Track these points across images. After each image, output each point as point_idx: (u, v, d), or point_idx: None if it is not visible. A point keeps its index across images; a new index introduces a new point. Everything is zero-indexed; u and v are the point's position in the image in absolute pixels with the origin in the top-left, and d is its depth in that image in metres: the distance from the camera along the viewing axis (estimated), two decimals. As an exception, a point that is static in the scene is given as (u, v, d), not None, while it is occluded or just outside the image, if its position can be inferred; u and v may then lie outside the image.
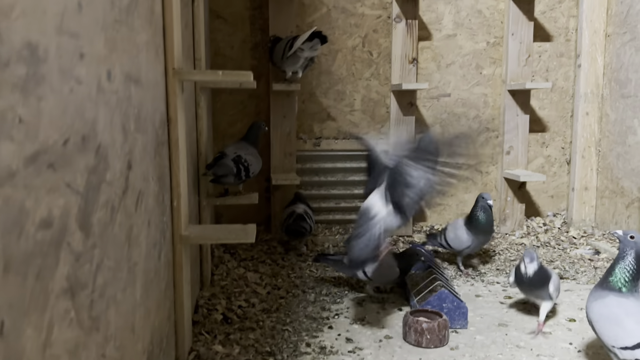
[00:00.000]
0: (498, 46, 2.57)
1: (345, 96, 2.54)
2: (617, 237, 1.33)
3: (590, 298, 1.33)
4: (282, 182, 2.26)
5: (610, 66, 2.40)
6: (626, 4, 2.28)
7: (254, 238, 1.27)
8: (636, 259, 1.28)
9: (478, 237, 1.98)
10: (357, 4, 2.48)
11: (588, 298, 1.34)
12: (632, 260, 1.28)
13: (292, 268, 2.06)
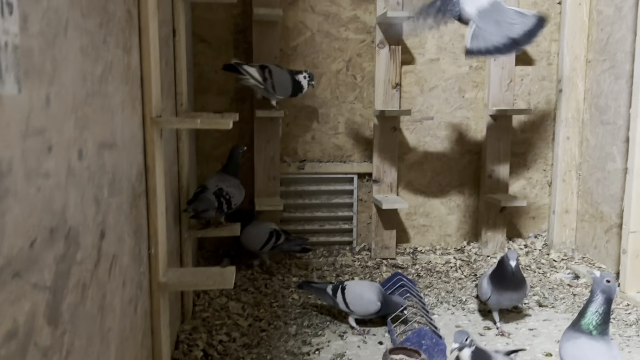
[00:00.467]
0: (480, 70, 2.59)
1: (330, 119, 2.55)
2: (594, 279, 1.36)
3: (563, 338, 1.37)
4: (266, 208, 2.27)
5: (591, 91, 2.44)
6: (606, 32, 2.32)
7: (232, 283, 1.28)
8: (606, 302, 1.32)
9: (501, 292, 1.76)
10: (341, 29, 2.49)
11: (561, 338, 1.38)
12: (602, 304, 1.31)
13: (275, 296, 2.06)
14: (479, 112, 2.62)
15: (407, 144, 2.60)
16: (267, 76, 2.13)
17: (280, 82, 2.17)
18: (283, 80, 2.18)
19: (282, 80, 2.17)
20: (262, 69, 2.15)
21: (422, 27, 1.82)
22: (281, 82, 2.17)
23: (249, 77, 2.13)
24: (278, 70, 2.19)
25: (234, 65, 2.14)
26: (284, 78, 2.19)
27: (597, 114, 2.39)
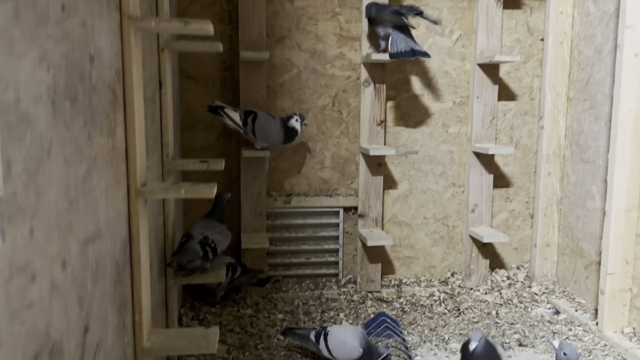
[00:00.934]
0: (464, 105, 2.64)
1: (316, 153, 2.58)
2: (554, 348, 1.41)
3: None
4: (252, 246, 2.29)
5: (572, 129, 2.49)
6: (587, 72, 2.37)
7: (215, 348, 1.30)
8: None
9: None
10: (327, 66, 2.52)
11: None
12: None
13: (260, 336, 2.09)
14: (463, 146, 2.66)
15: (392, 178, 2.64)
16: (249, 122, 2.16)
17: (263, 129, 2.20)
18: (268, 128, 2.21)
19: (266, 128, 2.20)
20: (247, 114, 2.17)
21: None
22: (265, 130, 2.20)
23: (230, 120, 2.17)
24: (265, 118, 2.22)
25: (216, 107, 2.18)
26: (270, 126, 2.22)
27: (577, 152, 2.44)
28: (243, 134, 2.24)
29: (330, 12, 2.49)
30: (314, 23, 2.48)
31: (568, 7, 2.45)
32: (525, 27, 2.61)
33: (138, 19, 1.14)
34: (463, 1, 2.56)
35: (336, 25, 2.50)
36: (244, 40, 2.33)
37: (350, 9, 2.50)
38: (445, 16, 2.56)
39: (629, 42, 1.94)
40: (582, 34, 2.40)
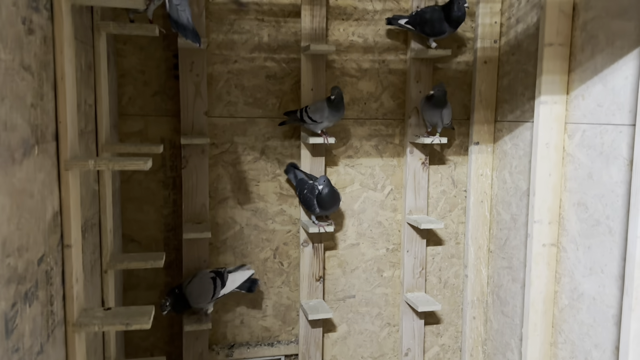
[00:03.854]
0: (397, 251, 2.82)
1: (258, 303, 2.68)
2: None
3: None
4: (195, 414, 2.35)
5: (493, 279, 2.72)
6: (504, 233, 2.61)
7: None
8: None
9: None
10: (268, 221, 2.64)
11: None
12: None
13: None
14: (396, 289, 2.84)
15: (332, 322, 2.77)
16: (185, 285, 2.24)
17: (197, 292, 2.27)
18: (201, 291, 2.29)
19: (199, 291, 2.28)
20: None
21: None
22: (198, 292, 2.28)
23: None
24: (199, 280, 2.29)
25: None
26: (203, 287, 2.29)
27: (498, 303, 2.67)
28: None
29: (272, 173, 2.62)
30: (256, 184, 2.60)
31: (487, 169, 2.70)
32: (450, 180, 2.84)
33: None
34: (393, 160, 2.76)
35: (277, 185, 2.63)
36: (187, 212, 2.41)
37: (290, 170, 2.64)
38: (378, 173, 2.75)
39: (538, 234, 2.18)
40: (500, 197, 2.65)
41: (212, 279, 2.26)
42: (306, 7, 2.45)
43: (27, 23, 1.02)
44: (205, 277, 2.26)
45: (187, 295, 2.21)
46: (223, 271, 2.35)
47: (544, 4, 2.10)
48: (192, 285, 2.22)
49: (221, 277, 2.31)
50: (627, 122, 1.83)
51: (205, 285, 2.26)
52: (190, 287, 2.21)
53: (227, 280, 2.31)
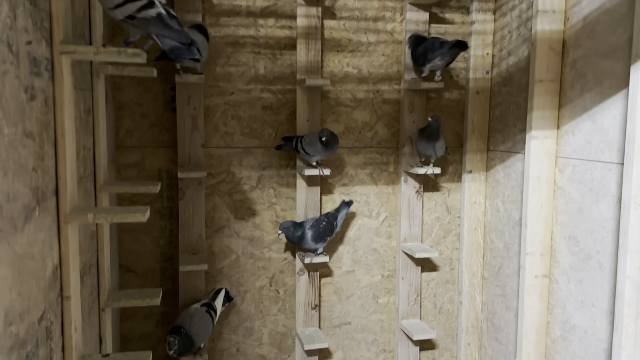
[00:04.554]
0: (392, 278, 2.85)
1: (254, 332, 2.69)
2: None
3: None
4: None
5: (487, 306, 2.75)
6: (498, 261, 2.64)
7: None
8: None
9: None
10: (265, 250, 2.67)
11: None
12: None
13: None
14: (392, 315, 2.87)
15: (327, 349, 2.79)
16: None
17: (200, 330, 2.29)
18: (204, 326, 2.31)
19: (202, 328, 2.30)
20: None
21: None
22: (200, 330, 2.30)
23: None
24: (200, 319, 2.31)
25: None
26: (204, 324, 2.31)
27: (492, 330, 2.70)
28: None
29: (268, 202, 2.65)
30: (252, 213, 2.63)
31: (480, 197, 2.74)
32: (444, 207, 2.88)
33: None
34: (388, 187, 2.80)
35: (273, 214, 2.66)
36: (183, 242, 2.43)
37: (286, 199, 2.67)
38: (372, 201, 2.79)
39: (530, 266, 2.22)
40: (493, 225, 2.68)
41: (207, 313, 2.28)
42: (301, 41, 2.49)
43: (29, 90, 1.05)
44: (203, 314, 2.28)
45: (194, 336, 2.22)
46: (211, 302, 2.37)
47: (534, 41, 2.14)
48: (195, 326, 2.23)
49: (213, 308, 2.34)
50: (616, 161, 1.87)
51: (206, 322, 2.28)
52: (194, 328, 2.22)
53: (217, 309, 2.34)
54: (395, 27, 2.68)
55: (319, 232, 2.45)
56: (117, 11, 1.24)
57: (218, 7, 2.47)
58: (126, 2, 1.23)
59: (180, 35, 1.27)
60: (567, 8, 2.12)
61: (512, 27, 2.48)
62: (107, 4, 1.26)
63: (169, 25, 1.25)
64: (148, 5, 1.25)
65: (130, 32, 1.29)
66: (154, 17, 1.24)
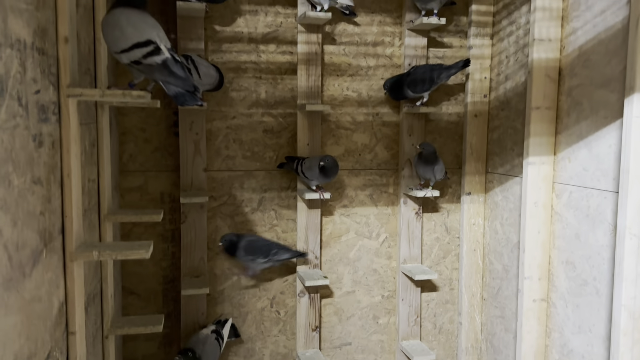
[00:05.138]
0: (392, 298, 2.87)
1: (255, 352, 2.72)
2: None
3: None
4: None
5: (487, 327, 2.77)
6: (497, 283, 2.67)
7: None
8: None
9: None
10: (265, 271, 2.69)
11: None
12: None
13: None
14: (392, 335, 2.89)
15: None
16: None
17: (211, 356, 2.32)
18: (213, 352, 2.34)
19: (212, 354, 2.33)
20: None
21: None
22: (212, 356, 2.32)
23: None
24: (209, 345, 2.34)
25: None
26: (213, 349, 2.34)
27: (492, 351, 2.72)
28: None
29: (269, 224, 2.68)
30: (253, 234, 2.66)
31: (479, 219, 2.76)
32: (443, 227, 2.90)
33: None
34: (387, 208, 2.83)
35: (274, 235, 2.69)
36: (185, 265, 2.46)
37: (287, 221, 2.70)
38: (372, 222, 2.82)
39: (528, 290, 2.24)
40: (492, 247, 2.71)
41: (216, 340, 2.30)
42: (302, 67, 2.53)
43: (37, 138, 1.08)
44: (213, 341, 2.30)
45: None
46: (220, 330, 2.40)
47: (531, 69, 2.18)
48: (206, 353, 2.25)
49: (220, 335, 2.36)
50: (612, 189, 1.90)
51: (215, 348, 2.30)
52: (205, 354, 2.24)
53: (224, 338, 2.36)
54: (394, 52, 2.73)
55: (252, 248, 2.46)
56: (123, 55, 1.28)
57: (220, 33, 2.51)
58: (133, 48, 1.26)
59: (185, 82, 1.31)
60: (562, 37, 2.16)
61: (510, 53, 2.52)
62: (114, 47, 1.29)
63: (174, 72, 1.28)
64: (154, 52, 1.28)
65: (134, 74, 1.33)
66: (159, 64, 1.28)
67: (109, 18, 1.30)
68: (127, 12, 1.29)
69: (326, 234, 2.75)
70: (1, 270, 0.87)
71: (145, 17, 1.33)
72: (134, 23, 1.29)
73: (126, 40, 1.28)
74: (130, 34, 1.28)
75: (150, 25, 1.33)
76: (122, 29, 1.28)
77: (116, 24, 1.28)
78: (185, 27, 2.37)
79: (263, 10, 2.54)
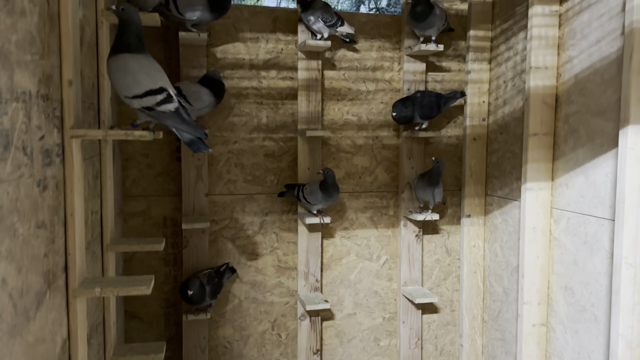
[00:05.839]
0: (393, 320, 2.88)
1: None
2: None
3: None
4: None
5: (488, 349, 2.77)
6: (497, 306, 2.68)
7: None
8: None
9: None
10: (267, 294, 2.71)
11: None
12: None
13: None
14: (394, 357, 2.89)
15: (329, 392, 2.82)
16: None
17: None
18: None
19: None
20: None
21: None
22: None
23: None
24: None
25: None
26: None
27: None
28: None
29: (270, 247, 2.70)
30: (254, 258, 2.68)
31: (479, 241, 2.78)
32: (444, 249, 2.92)
33: None
34: (388, 230, 2.85)
35: (275, 258, 2.71)
36: (188, 290, 2.48)
37: (288, 244, 2.72)
38: (373, 244, 2.84)
39: (527, 314, 2.25)
40: (492, 269, 2.72)
41: None
42: (302, 93, 2.57)
43: (42, 182, 1.11)
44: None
45: None
46: None
47: (528, 96, 2.21)
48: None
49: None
50: (608, 217, 1.92)
51: None
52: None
53: None
54: (393, 76, 2.76)
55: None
56: (134, 101, 1.31)
57: (222, 60, 2.55)
58: (146, 95, 1.29)
59: (196, 130, 1.34)
60: (559, 64, 2.19)
61: (507, 78, 2.55)
62: (125, 93, 1.32)
63: (186, 120, 1.32)
64: (167, 100, 1.31)
65: (139, 116, 1.36)
66: (172, 112, 1.31)
67: (119, 63, 1.33)
68: (136, 58, 1.32)
69: (327, 256, 2.77)
70: (6, 318, 0.90)
71: (154, 63, 1.36)
72: (146, 69, 1.32)
73: (139, 86, 1.31)
74: (142, 81, 1.31)
75: (160, 71, 1.37)
76: (134, 75, 1.31)
77: (127, 70, 1.31)
78: (187, 55, 2.41)
79: (264, 37, 2.59)
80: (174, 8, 2.17)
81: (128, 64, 1.32)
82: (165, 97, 1.32)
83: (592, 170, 2.00)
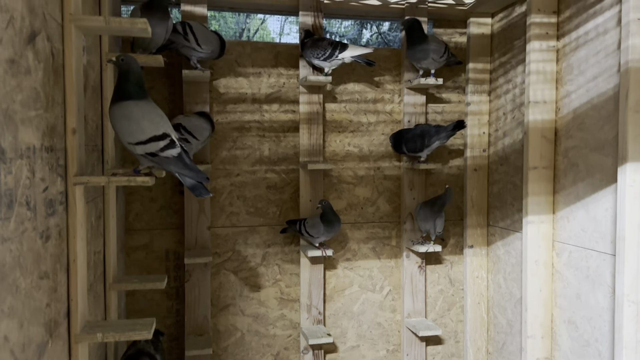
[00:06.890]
0: (397, 352, 2.86)
1: (259, 409, 2.70)
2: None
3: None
4: None
5: (491, 381, 2.75)
6: (502, 337, 2.66)
7: None
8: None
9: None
10: (269, 327, 2.70)
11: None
12: None
13: None
14: (397, 389, 2.87)
15: None
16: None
17: None
18: None
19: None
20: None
21: None
22: None
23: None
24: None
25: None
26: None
27: (498, 406, 2.69)
28: None
29: (272, 279, 2.70)
30: (257, 290, 2.68)
31: (483, 272, 2.77)
32: (447, 279, 2.91)
33: None
34: (391, 261, 2.85)
35: (277, 290, 2.71)
36: (189, 324, 2.48)
37: (290, 275, 2.72)
38: (376, 275, 2.83)
39: (531, 348, 2.24)
40: (495, 300, 2.71)
41: None
42: (304, 126, 2.60)
43: (45, 233, 1.13)
44: None
45: None
46: None
47: (527, 130, 2.23)
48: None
49: None
50: (609, 252, 1.92)
51: None
52: None
53: None
54: (394, 108, 2.79)
55: None
56: (138, 147, 1.33)
57: (225, 95, 2.59)
58: (150, 141, 1.32)
59: (198, 174, 1.36)
60: (557, 99, 2.21)
61: (507, 110, 2.58)
62: (129, 139, 1.34)
63: (188, 165, 1.34)
64: (170, 145, 1.34)
65: (142, 162, 1.38)
66: (175, 157, 1.33)
67: (122, 111, 1.35)
68: (139, 105, 1.35)
69: (330, 287, 2.77)
70: (7, 375, 0.91)
71: (156, 109, 1.39)
72: (149, 116, 1.35)
73: (143, 133, 1.33)
74: (146, 127, 1.33)
75: (162, 117, 1.40)
76: (138, 123, 1.33)
77: (131, 117, 1.34)
78: (191, 91, 2.45)
79: (266, 72, 2.63)
80: (193, 40, 2.22)
81: (132, 111, 1.35)
82: (169, 142, 1.35)
83: (593, 204, 2.01)
